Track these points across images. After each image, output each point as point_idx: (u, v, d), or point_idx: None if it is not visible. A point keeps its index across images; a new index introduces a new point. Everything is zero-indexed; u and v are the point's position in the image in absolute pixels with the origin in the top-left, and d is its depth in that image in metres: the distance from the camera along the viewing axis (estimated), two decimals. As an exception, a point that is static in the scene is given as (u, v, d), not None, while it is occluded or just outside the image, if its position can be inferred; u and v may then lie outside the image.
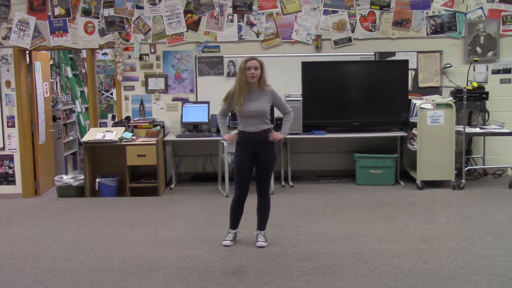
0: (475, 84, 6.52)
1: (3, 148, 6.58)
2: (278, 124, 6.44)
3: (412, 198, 5.78)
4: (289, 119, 4.27)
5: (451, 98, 6.29)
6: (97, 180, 6.25)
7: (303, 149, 6.85)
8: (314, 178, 6.85)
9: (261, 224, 4.33)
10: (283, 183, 6.55)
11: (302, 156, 6.88)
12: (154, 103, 6.83)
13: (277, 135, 4.18)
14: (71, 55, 8.42)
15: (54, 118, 7.34)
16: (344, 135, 6.49)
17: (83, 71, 8.84)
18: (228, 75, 6.68)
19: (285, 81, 6.50)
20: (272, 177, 5.92)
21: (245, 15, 6.70)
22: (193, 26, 6.73)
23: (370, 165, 6.43)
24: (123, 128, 6.41)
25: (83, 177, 6.28)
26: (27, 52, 6.70)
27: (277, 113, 6.40)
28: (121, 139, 6.19)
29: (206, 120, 6.54)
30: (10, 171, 6.60)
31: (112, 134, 6.26)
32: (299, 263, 3.91)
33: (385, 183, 6.39)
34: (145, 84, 6.81)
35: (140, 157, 6.10)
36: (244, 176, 4.19)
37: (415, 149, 6.20)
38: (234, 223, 4.37)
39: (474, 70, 6.70)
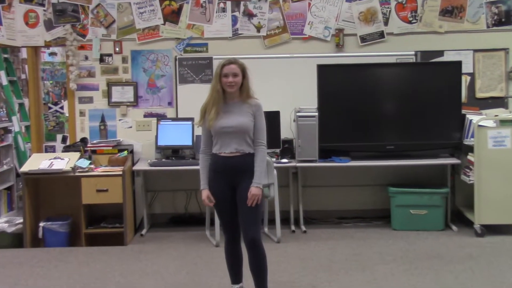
0: (554, 94, 6.58)
1: None
2: (286, 148, 6.48)
3: (468, 249, 5.76)
4: (261, 158, 4.19)
5: (521, 113, 6.34)
6: (41, 224, 6.20)
7: (319, 182, 6.89)
8: (335, 221, 6.87)
9: (259, 285, 4.28)
10: (293, 227, 6.55)
11: (319, 191, 6.91)
12: (120, 120, 6.91)
13: (254, 192, 4.08)
14: (6, 55, 8.38)
15: (-17, 141, 7.29)
16: (375, 163, 6.49)
17: (23, 77, 8.83)
18: None
19: (295, 91, 6.63)
20: (278, 220, 6.00)
21: (242, 3, 6.80)
22: (172, 17, 6.82)
23: (411, 203, 6.42)
24: (77, 154, 6.40)
25: (21, 220, 6.25)
26: None
27: (285, 134, 6.52)
28: (74, 168, 6.18)
29: (190, 143, 6.57)
30: None
31: (63, 162, 6.24)
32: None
33: (431, 227, 6.39)
34: (108, 94, 6.87)
35: (101, 193, 6.08)
36: (227, 212, 4.25)
37: (471, 182, 6.20)
38: (234, 275, 4.39)
39: (552, 74, 6.78)
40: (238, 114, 4.17)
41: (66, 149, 6.71)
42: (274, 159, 6.21)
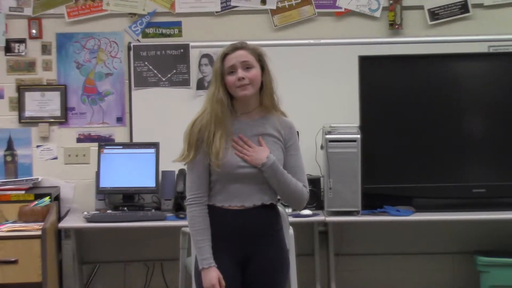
0: None
1: None
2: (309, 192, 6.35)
3: None
4: (299, 187, 4.23)
5: None
6: None
7: (363, 248, 6.94)
8: (390, 310, 6.90)
9: None
10: (320, 321, 6.60)
11: (362, 263, 6.96)
12: (39, 146, 6.90)
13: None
14: None
15: None
16: (454, 216, 6.39)
17: None
18: (200, 86, 6.78)
19: (323, 99, 6.76)
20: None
21: (237, -43, 6.87)
22: (124, -20, 6.91)
23: (515, 282, 6.51)
24: (-32, 203, 6.38)
25: None
26: None
27: (307, 168, 6.30)
28: (-37, 226, 6.16)
29: (153, 185, 6.61)
30: None
31: None
32: None
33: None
34: (19, 105, 6.89)
35: (6, 267, 5.93)
36: None
37: None
38: None
39: None
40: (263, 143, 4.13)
41: (-51, 193, 6.71)
42: (289, 210, 6.04)
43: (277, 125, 4.14)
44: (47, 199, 6.37)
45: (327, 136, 6.25)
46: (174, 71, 6.81)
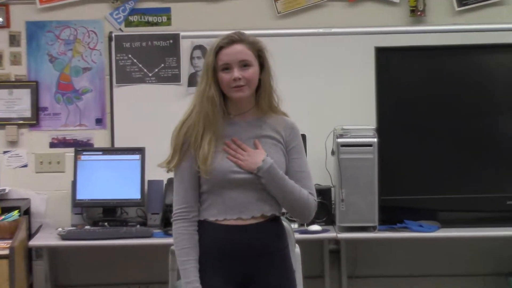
0: None
1: None
2: (318, 205, 6.31)
3: None
4: (304, 195, 4.16)
5: None
6: None
7: (380, 269, 6.91)
8: None
9: None
10: None
11: (378, 285, 6.94)
12: (6, 152, 6.90)
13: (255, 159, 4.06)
14: None
15: None
16: (484, 233, 6.40)
17: None
18: (192, 82, 6.75)
19: (334, 97, 6.75)
20: None
21: None
22: (105, -39, 6.79)
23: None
24: None
25: None
26: None
27: (316, 177, 6.25)
28: None
29: (138, 196, 6.60)
30: None
31: None
32: None
33: None
34: None
35: (-32, 291, 5.90)
36: None
37: None
38: None
39: None
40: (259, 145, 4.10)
41: None
42: (295, 226, 6.07)
43: (277, 126, 4.10)
44: (15, 213, 6.36)
45: (339, 140, 6.21)
46: (162, 65, 6.81)
